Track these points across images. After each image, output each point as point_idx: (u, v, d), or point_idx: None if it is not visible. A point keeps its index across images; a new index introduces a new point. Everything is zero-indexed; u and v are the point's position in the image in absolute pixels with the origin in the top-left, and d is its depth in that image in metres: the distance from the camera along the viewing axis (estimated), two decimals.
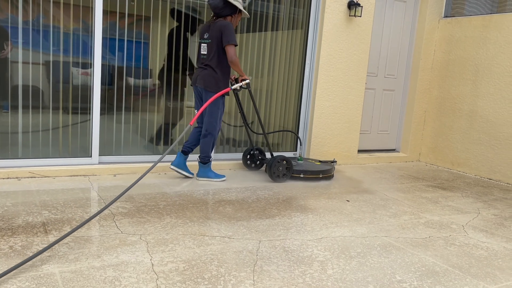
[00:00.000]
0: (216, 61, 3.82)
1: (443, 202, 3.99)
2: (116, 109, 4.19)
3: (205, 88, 3.85)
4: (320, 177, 4.41)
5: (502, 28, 5.07)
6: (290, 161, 4.25)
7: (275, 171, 4.19)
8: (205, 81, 3.85)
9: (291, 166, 4.25)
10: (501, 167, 5.10)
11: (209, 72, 3.84)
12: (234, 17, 3.88)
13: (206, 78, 3.84)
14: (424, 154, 6.03)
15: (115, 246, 2.46)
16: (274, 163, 4.17)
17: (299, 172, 4.33)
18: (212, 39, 3.80)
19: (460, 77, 5.54)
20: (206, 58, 3.86)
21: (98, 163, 4.12)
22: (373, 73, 5.69)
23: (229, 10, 3.81)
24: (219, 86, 3.85)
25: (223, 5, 3.77)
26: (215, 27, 3.79)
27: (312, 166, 4.53)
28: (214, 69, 3.82)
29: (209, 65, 3.84)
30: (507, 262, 2.70)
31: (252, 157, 4.63)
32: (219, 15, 3.83)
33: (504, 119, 5.07)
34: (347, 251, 2.65)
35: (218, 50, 3.80)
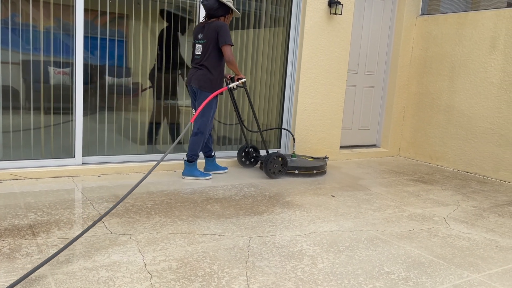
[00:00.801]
0: (211, 61, 3.86)
1: (424, 196, 4.10)
2: (99, 109, 4.15)
3: (200, 88, 3.89)
4: (314, 173, 4.51)
5: (477, 26, 5.23)
6: (285, 158, 4.35)
7: (271, 168, 4.28)
8: (199, 81, 3.89)
9: (286, 163, 4.34)
10: (478, 160, 5.26)
11: (204, 72, 3.88)
12: (227, 17, 3.95)
13: (201, 78, 3.88)
14: (403, 149, 6.17)
15: (106, 247, 2.45)
16: (270, 160, 4.25)
17: (293, 169, 4.43)
18: (207, 39, 3.84)
19: (437, 73, 5.69)
20: (200, 58, 3.91)
21: (82, 164, 4.07)
22: (354, 70, 5.79)
23: (223, 11, 3.87)
24: (213, 86, 3.90)
25: (217, 6, 3.82)
26: (210, 28, 3.83)
27: (306, 162, 4.63)
28: (209, 69, 3.87)
29: (204, 65, 3.88)
30: (488, 251, 2.80)
31: (246, 154, 4.71)
32: (213, 15, 3.89)
33: (479, 113, 5.24)
34: (336, 245, 2.71)
35: (213, 50, 3.85)
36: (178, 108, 4.57)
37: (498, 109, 5.05)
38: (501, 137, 5.02)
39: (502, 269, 2.53)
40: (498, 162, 5.06)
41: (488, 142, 5.15)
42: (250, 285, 2.13)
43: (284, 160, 4.34)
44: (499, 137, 5.05)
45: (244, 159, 4.71)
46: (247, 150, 4.69)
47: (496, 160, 5.07)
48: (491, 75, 5.11)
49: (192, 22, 4.48)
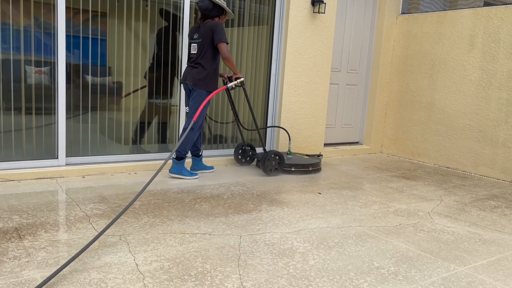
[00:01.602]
0: (206, 60, 3.93)
1: (408, 191, 4.18)
2: (82, 109, 4.08)
3: (194, 86, 3.94)
4: (310, 170, 4.62)
5: (455, 24, 5.35)
6: (282, 155, 4.43)
7: (268, 165, 4.36)
8: (194, 79, 3.93)
9: (283, 161, 4.43)
10: (458, 156, 5.39)
11: (199, 70, 3.94)
12: (221, 18, 4.03)
13: (195, 76, 3.93)
14: (386, 146, 6.27)
15: (96, 248, 2.42)
16: (267, 158, 4.34)
17: (290, 166, 4.53)
18: (203, 38, 3.93)
19: (418, 71, 5.80)
20: (196, 57, 3.98)
21: (65, 165, 4.00)
22: (337, 68, 5.85)
23: (217, 12, 3.97)
24: (207, 83, 3.95)
25: (212, 7, 3.92)
26: (205, 27, 3.92)
27: (302, 160, 4.73)
28: (204, 67, 3.93)
29: (200, 63, 3.94)
30: (472, 244, 2.88)
31: (243, 152, 4.79)
32: (207, 16, 3.98)
33: (459, 110, 5.36)
34: (326, 242, 2.74)
35: (208, 49, 3.92)
36: (163, 108, 4.53)
37: (477, 106, 5.18)
38: (480, 133, 5.16)
39: (487, 262, 2.61)
40: (477, 157, 5.19)
41: (468, 138, 5.28)
42: (244, 283, 2.14)
43: (281, 157, 4.42)
44: (478, 133, 5.18)
45: (241, 157, 4.80)
46: (243, 148, 4.77)
47: (475, 155, 5.21)
48: (469, 73, 5.24)
49: (178, 20, 4.45)
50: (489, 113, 5.07)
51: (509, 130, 4.89)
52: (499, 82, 4.97)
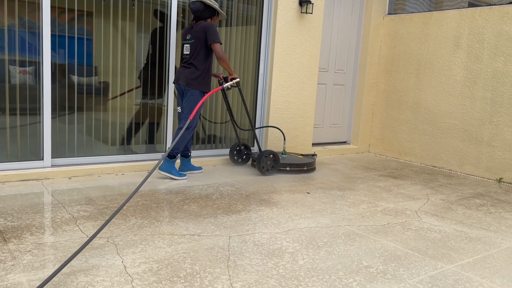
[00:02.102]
0: (199, 60, 3.95)
1: (395, 190, 4.21)
2: (68, 109, 4.03)
3: (187, 86, 3.95)
4: (305, 169, 4.66)
5: (441, 25, 5.42)
6: (278, 155, 4.48)
7: (264, 165, 4.40)
8: (187, 79, 3.95)
9: (278, 160, 4.48)
10: (444, 155, 5.46)
11: (192, 71, 3.96)
12: (214, 19, 4.06)
13: (188, 76, 3.95)
14: (373, 145, 6.32)
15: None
16: (262, 158, 4.38)
17: (285, 165, 4.57)
18: (195, 39, 3.95)
19: (404, 71, 5.86)
20: (189, 58, 4.01)
21: (51, 166, 3.94)
22: (324, 68, 5.87)
23: (209, 13, 3.99)
24: (200, 83, 3.97)
25: (203, 8, 3.95)
26: (198, 28, 3.95)
27: (297, 159, 4.77)
28: (197, 67, 3.95)
29: (192, 63, 3.97)
30: (459, 242, 2.92)
31: (238, 152, 4.82)
32: (200, 17, 4.00)
33: (445, 110, 5.43)
34: (315, 241, 2.75)
35: (201, 49, 3.95)
36: (151, 108, 4.50)
37: (462, 105, 5.25)
38: (465, 132, 5.23)
39: (473, 259, 2.64)
40: (462, 156, 5.26)
41: (453, 137, 5.35)
42: (233, 284, 2.13)
43: (276, 157, 4.47)
44: (463, 133, 5.25)
45: (236, 156, 4.84)
46: (239, 148, 4.79)
47: (461, 154, 5.28)
48: (455, 73, 5.31)
49: (165, 20, 4.42)
50: (474, 112, 5.14)
51: (494, 130, 4.96)
52: (483, 82, 5.04)
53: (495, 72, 4.93)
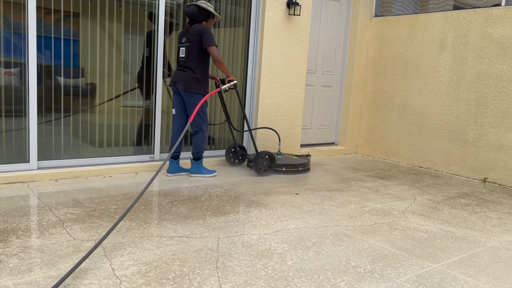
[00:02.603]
0: (195, 63, 4.00)
1: (382, 191, 4.26)
2: (54, 111, 3.98)
3: (186, 89, 4.00)
4: (300, 169, 4.75)
5: (427, 27, 5.49)
6: (274, 156, 4.56)
7: (261, 166, 4.48)
8: (185, 82, 4.00)
9: (274, 161, 4.56)
10: (430, 156, 5.53)
11: (188, 74, 4.00)
12: (209, 21, 4.10)
13: (186, 79, 4.00)
14: (360, 146, 6.37)
15: (70, 254, 2.36)
16: (259, 159, 4.45)
17: (281, 166, 4.66)
18: (191, 42, 4.00)
19: (391, 73, 5.92)
20: (185, 61, 4.05)
21: (37, 169, 3.89)
22: (312, 70, 5.90)
23: (204, 16, 4.04)
24: (198, 86, 4.02)
25: (198, 11, 4.00)
26: (193, 31, 4.00)
27: (292, 160, 4.87)
28: (193, 70, 4.00)
29: (188, 66, 4.01)
30: (445, 242, 2.96)
31: (234, 153, 4.89)
32: (195, 20, 4.05)
33: (431, 111, 5.50)
34: (303, 242, 2.76)
35: (197, 52, 4.00)
36: (138, 110, 4.48)
37: (448, 106, 5.32)
38: (451, 133, 5.30)
39: (459, 258, 2.68)
40: (448, 157, 5.34)
41: (439, 138, 5.42)
42: (222, 285, 2.13)
43: (272, 158, 4.55)
44: (449, 133, 5.33)
45: (232, 157, 4.89)
46: (234, 149, 4.87)
47: (447, 155, 5.35)
48: (440, 75, 5.39)
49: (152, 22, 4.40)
50: (459, 113, 5.22)
51: (478, 130, 5.05)
52: (468, 84, 5.12)
53: (480, 74, 5.02)
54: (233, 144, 4.86)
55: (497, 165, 4.89)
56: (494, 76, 4.90)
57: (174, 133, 4.24)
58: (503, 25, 4.80)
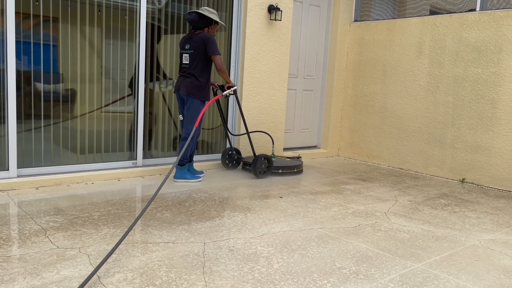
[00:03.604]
0: (199, 70, 4.07)
1: (365, 193, 4.32)
2: (34, 117, 3.92)
3: (189, 95, 4.07)
4: (295, 171, 4.95)
5: (405, 32, 5.61)
6: (271, 159, 4.74)
7: (259, 168, 4.63)
8: (188, 88, 4.09)
9: (271, 164, 4.74)
10: (410, 158, 5.64)
11: (192, 80, 4.08)
12: (211, 28, 4.19)
13: (189, 85, 4.09)
14: (342, 149, 6.45)
15: (54, 262, 2.33)
16: (258, 162, 4.61)
17: (277, 168, 4.83)
18: (194, 49, 4.09)
19: (371, 77, 6.02)
20: (188, 67, 4.13)
21: (17, 176, 3.82)
22: (294, 74, 5.96)
23: (205, 22, 4.10)
24: (201, 92, 4.09)
25: (198, 19, 4.06)
26: (197, 39, 4.08)
27: (287, 162, 5.03)
28: (197, 77, 4.07)
29: (192, 73, 4.08)
30: (426, 241, 3.03)
31: (230, 157, 4.99)
32: (196, 27, 4.12)
33: (410, 114, 5.62)
34: (289, 245, 2.79)
35: (201, 59, 4.08)
36: (120, 115, 4.44)
37: (426, 109, 5.45)
38: (430, 135, 5.42)
39: (440, 257, 2.75)
40: (427, 158, 5.45)
41: (418, 140, 5.54)
42: None
43: (270, 161, 4.72)
44: (428, 136, 5.44)
45: (227, 161, 5.00)
46: (230, 153, 4.98)
47: (426, 156, 5.47)
48: (419, 78, 5.51)
49: (134, 28, 4.38)
50: (437, 116, 5.34)
51: (456, 132, 5.18)
52: (445, 87, 5.25)
53: (456, 77, 5.15)
54: (229, 148, 4.96)
55: (475, 165, 5.03)
56: (470, 79, 5.04)
57: (183, 139, 4.28)
58: (478, 29, 4.94)
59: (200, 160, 5.10)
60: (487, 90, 4.91)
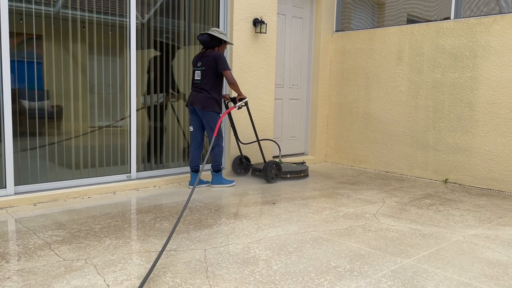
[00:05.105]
0: (210, 85, 4.44)
1: (354, 196, 4.50)
2: (29, 135, 4.00)
3: (203, 109, 4.44)
4: (302, 175, 5.32)
5: (384, 41, 5.86)
6: (280, 165, 5.09)
7: (270, 174, 4.97)
8: (202, 102, 4.44)
9: (280, 169, 5.10)
10: (395, 161, 5.85)
11: (205, 95, 4.45)
12: (221, 47, 4.57)
13: (203, 99, 4.44)
14: (329, 155, 6.64)
15: (63, 274, 2.43)
16: (268, 168, 4.95)
17: (286, 173, 5.21)
18: (206, 67, 4.45)
19: (354, 84, 6.25)
20: (200, 83, 4.49)
21: (14, 194, 3.89)
22: (280, 84, 6.15)
23: (216, 42, 4.50)
24: (214, 106, 4.43)
25: (210, 39, 4.46)
26: (208, 57, 4.45)
27: (294, 167, 5.38)
28: (209, 91, 4.45)
29: (204, 88, 4.46)
30: (414, 239, 3.20)
31: (240, 164, 5.32)
32: (208, 47, 4.52)
33: (393, 118, 5.84)
34: (285, 248, 2.93)
35: (212, 76, 4.44)
36: (113, 130, 4.54)
37: (408, 114, 5.68)
38: (412, 138, 5.65)
39: (427, 253, 2.92)
40: (411, 161, 5.67)
41: (402, 143, 5.76)
42: None
43: (279, 167, 5.08)
44: (411, 139, 5.67)
45: (238, 168, 5.33)
46: (241, 160, 5.29)
47: (410, 159, 5.69)
48: (399, 84, 5.75)
49: (124, 45, 4.51)
50: (419, 120, 5.58)
51: (437, 135, 5.41)
52: (425, 92, 5.50)
53: (435, 82, 5.40)
54: (239, 155, 5.28)
55: (456, 166, 5.26)
56: (448, 84, 5.29)
57: (193, 149, 4.64)
58: (453, 36, 5.21)
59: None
60: (464, 94, 5.16)
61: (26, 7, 3.87)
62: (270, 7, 5.55)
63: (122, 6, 4.46)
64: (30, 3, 3.88)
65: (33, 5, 3.90)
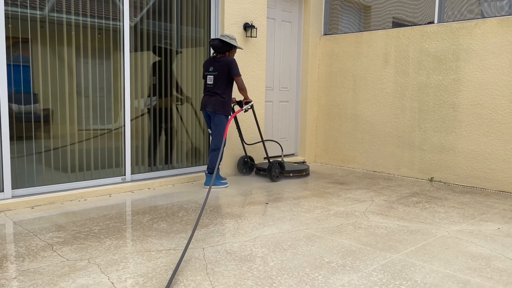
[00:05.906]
0: (222, 89, 4.68)
1: (343, 195, 4.65)
2: (25, 138, 4.06)
3: (215, 112, 4.68)
4: (304, 174, 5.60)
5: (371, 44, 6.04)
6: (283, 165, 5.34)
7: (274, 173, 5.21)
8: (214, 106, 4.68)
9: (284, 169, 5.36)
10: (382, 161, 6.03)
11: (217, 98, 4.68)
12: (231, 52, 4.78)
13: (215, 103, 4.67)
14: (319, 156, 6.80)
15: (68, 273, 2.52)
16: (273, 168, 5.21)
17: (289, 172, 5.48)
18: (218, 71, 4.68)
19: (342, 86, 6.41)
20: (212, 87, 4.71)
21: (12, 197, 3.95)
22: (270, 87, 6.28)
23: (227, 48, 4.70)
24: (225, 109, 4.70)
25: (221, 45, 4.66)
26: (220, 62, 4.67)
27: (296, 167, 5.66)
28: (221, 95, 4.68)
29: (216, 92, 4.69)
30: (402, 235, 3.36)
31: (245, 164, 5.55)
32: (219, 52, 4.71)
33: (380, 120, 6.02)
34: (280, 245, 3.06)
35: (223, 80, 4.67)
36: (108, 132, 4.62)
37: (395, 115, 5.86)
38: (399, 139, 5.84)
39: (415, 248, 3.08)
40: (398, 160, 5.86)
41: (389, 144, 5.94)
42: (216, 287, 2.38)
43: (283, 166, 5.34)
44: (397, 139, 5.86)
45: (243, 168, 5.55)
46: (245, 160, 5.52)
47: (397, 159, 5.87)
48: (386, 86, 5.93)
49: (118, 49, 4.60)
50: (405, 120, 5.76)
51: (423, 135, 5.60)
52: (411, 94, 5.69)
53: (420, 84, 5.59)
54: (243, 156, 5.51)
55: (441, 165, 5.45)
56: (433, 86, 5.48)
57: (210, 153, 4.79)
58: (437, 40, 5.41)
59: (191, 172, 5.32)
60: (448, 95, 5.36)
61: (30, 12, 3.93)
62: (260, 12, 5.68)
63: (115, 10, 4.55)
64: (34, 9, 3.95)
65: (37, 10, 3.97)
